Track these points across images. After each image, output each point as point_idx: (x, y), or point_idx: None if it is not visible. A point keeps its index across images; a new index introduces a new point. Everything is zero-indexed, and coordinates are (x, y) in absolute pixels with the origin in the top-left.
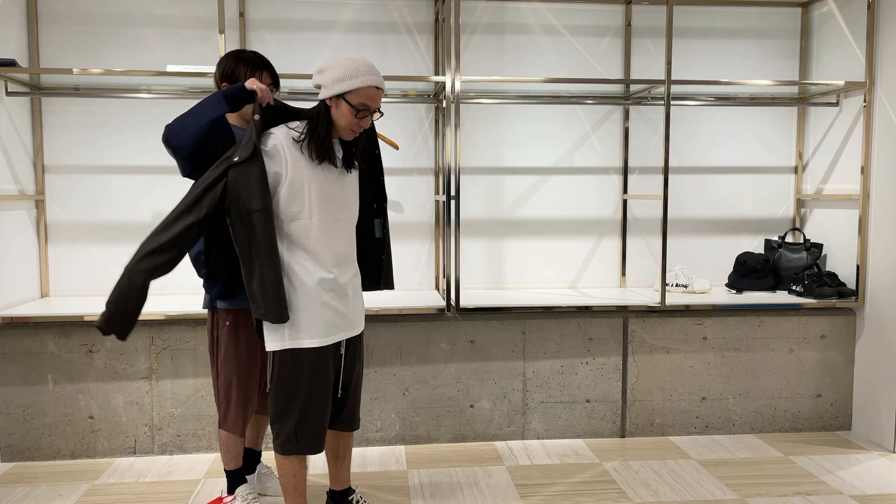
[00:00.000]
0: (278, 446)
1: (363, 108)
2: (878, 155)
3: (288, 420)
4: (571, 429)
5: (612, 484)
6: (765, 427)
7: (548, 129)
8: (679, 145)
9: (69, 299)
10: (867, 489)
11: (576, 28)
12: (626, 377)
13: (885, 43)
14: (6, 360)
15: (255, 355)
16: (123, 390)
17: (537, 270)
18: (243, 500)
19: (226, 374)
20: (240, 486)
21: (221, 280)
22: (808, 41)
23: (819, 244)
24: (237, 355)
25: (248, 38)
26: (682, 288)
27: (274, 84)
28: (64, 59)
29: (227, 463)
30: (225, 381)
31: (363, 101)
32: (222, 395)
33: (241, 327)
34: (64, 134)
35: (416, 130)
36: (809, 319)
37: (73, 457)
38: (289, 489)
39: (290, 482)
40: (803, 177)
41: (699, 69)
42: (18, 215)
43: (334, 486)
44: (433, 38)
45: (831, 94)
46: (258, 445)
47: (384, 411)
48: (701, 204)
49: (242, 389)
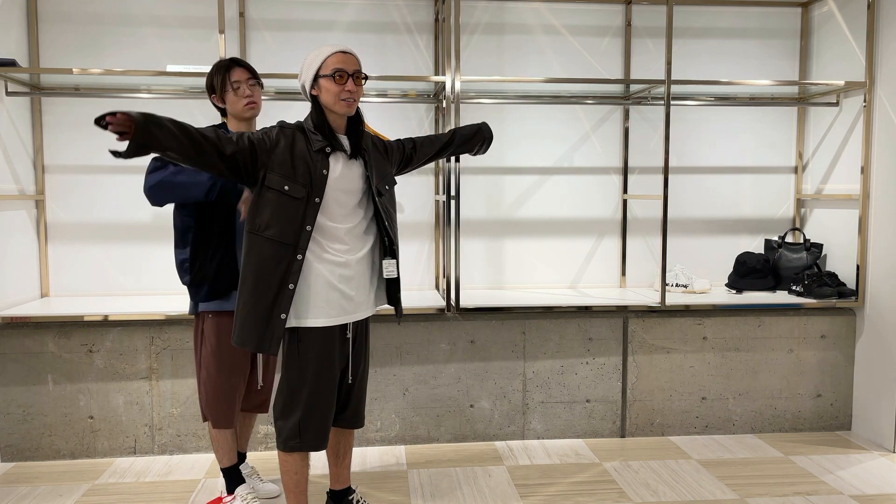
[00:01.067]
0: (281, 443)
1: (339, 72)
2: (878, 155)
3: (292, 416)
4: (571, 429)
5: (612, 484)
6: (765, 427)
7: (548, 128)
8: (679, 145)
9: (69, 299)
10: (867, 489)
11: (576, 28)
12: (626, 377)
13: (885, 43)
14: (6, 360)
15: (239, 354)
16: (123, 390)
17: (537, 270)
18: (242, 500)
19: (209, 370)
20: (239, 485)
21: (207, 282)
22: (808, 41)
23: (819, 244)
24: (220, 353)
25: (248, 38)
26: (682, 288)
27: (253, 78)
28: (64, 59)
29: (222, 460)
30: (209, 377)
31: (335, 67)
32: (208, 392)
33: (225, 329)
34: (64, 134)
35: (416, 130)
36: (809, 319)
37: (73, 457)
38: (290, 487)
39: (291, 479)
40: (803, 177)
41: (699, 69)
42: (18, 215)
43: (334, 485)
44: (433, 38)
45: (831, 94)
46: (242, 447)
47: (384, 411)
48: (701, 204)
49: (226, 383)
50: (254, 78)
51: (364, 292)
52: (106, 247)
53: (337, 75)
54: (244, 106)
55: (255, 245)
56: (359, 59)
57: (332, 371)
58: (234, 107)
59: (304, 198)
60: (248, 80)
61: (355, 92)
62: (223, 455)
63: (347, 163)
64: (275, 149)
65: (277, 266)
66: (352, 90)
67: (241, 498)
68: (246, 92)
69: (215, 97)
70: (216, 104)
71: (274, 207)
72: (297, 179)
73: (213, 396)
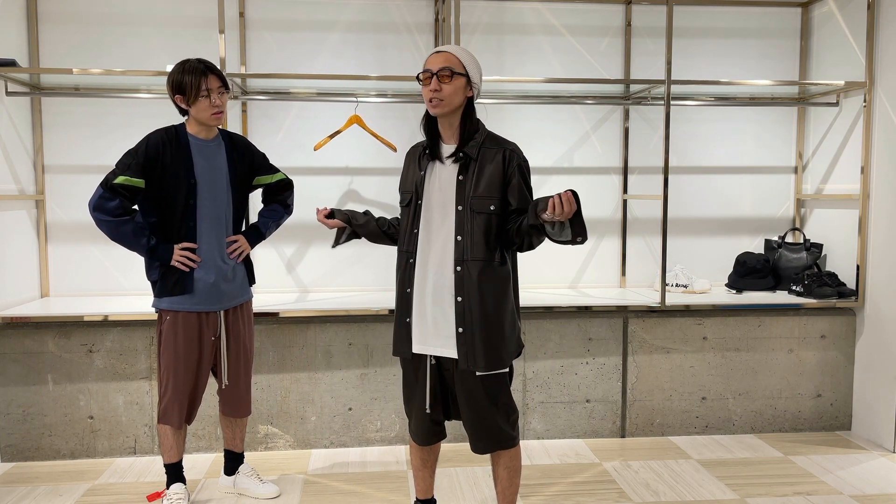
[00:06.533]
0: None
1: (423, 72)
2: (877, 155)
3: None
4: (571, 429)
5: (612, 484)
6: (765, 427)
7: (548, 128)
8: (679, 145)
9: (69, 299)
10: (867, 489)
11: (576, 28)
12: (626, 377)
13: (885, 43)
14: (6, 360)
15: (194, 353)
16: (123, 390)
17: (537, 270)
18: (168, 500)
19: (164, 368)
20: (175, 483)
21: (167, 281)
22: (808, 41)
23: (819, 244)
24: (176, 351)
25: (248, 38)
26: (682, 288)
27: (224, 86)
28: (64, 59)
29: (163, 456)
30: (164, 374)
31: (423, 69)
32: (161, 388)
33: (181, 325)
34: (64, 134)
35: (416, 130)
36: (809, 319)
37: (73, 457)
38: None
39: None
40: (803, 177)
41: (699, 69)
42: (18, 215)
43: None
44: (433, 38)
45: (831, 94)
46: (237, 447)
47: (384, 411)
48: (701, 204)
49: (179, 383)
50: (224, 86)
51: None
52: (106, 247)
53: (421, 75)
54: (212, 115)
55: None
56: (455, 55)
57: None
58: (203, 114)
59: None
60: (219, 89)
61: (440, 91)
62: (164, 452)
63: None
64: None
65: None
66: (437, 89)
67: (167, 498)
68: (217, 101)
69: (181, 98)
70: (180, 105)
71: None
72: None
73: (163, 392)
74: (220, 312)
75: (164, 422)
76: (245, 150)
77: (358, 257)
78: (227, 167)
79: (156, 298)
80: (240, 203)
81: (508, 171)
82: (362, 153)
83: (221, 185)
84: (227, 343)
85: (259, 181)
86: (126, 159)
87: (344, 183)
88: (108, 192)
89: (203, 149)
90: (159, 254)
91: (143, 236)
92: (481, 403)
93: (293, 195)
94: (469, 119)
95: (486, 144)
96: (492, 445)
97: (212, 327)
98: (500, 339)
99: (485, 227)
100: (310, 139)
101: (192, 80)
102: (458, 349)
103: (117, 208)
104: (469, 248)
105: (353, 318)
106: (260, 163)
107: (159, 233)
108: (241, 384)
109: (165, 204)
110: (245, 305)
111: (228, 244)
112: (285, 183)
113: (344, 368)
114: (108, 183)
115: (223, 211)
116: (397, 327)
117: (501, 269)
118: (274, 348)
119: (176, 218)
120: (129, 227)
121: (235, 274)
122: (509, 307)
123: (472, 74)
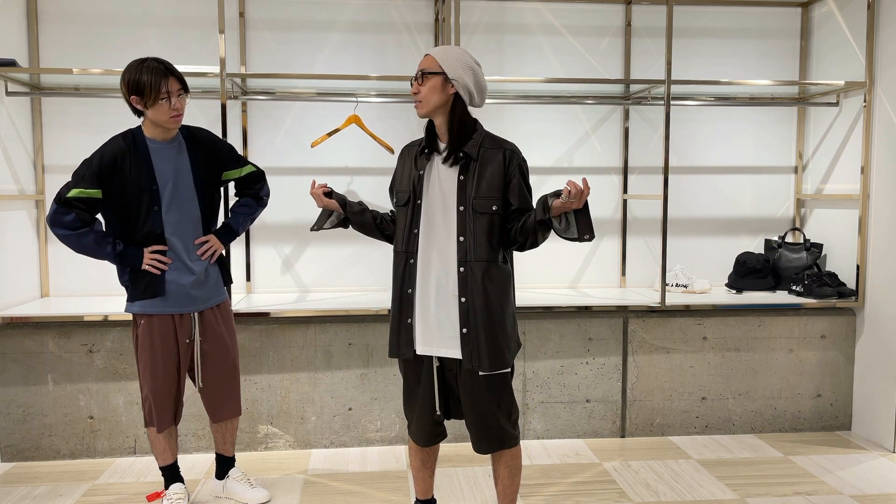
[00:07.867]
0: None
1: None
2: (877, 155)
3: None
4: (571, 429)
5: (612, 484)
6: (765, 427)
7: (548, 128)
8: (679, 145)
9: (69, 299)
10: (867, 489)
11: (576, 28)
12: (626, 377)
13: (885, 43)
14: (6, 360)
15: (172, 356)
16: (123, 390)
17: (537, 270)
18: (168, 500)
19: (143, 372)
20: (174, 484)
21: (138, 285)
22: (808, 41)
23: (819, 244)
24: (153, 354)
25: (248, 38)
26: (682, 288)
27: (183, 89)
28: (64, 59)
29: (157, 459)
30: (143, 379)
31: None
32: (142, 393)
33: (156, 329)
34: (64, 134)
35: (415, 131)
36: (809, 319)
37: (73, 457)
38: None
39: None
40: (803, 177)
41: (699, 69)
42: (18, 215)
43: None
44: (433, 39)
45: (831, 94)
46: (226, 451)
47: (384, 411)
48: (701, 204)
49: (158, 386)
50: (184, 89)
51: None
52: None
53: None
54: (171, 118)
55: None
56: (433, 55)
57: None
58: (161, 116)
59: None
60: (179, 91)
61: (418, 93)
62: (156, 454)
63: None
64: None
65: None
66: (416, 91)
67: (167, 498)
68: (176, 105)
69: (137, 100)
70: (136, 106)
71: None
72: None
73: (144, 395)
74: (195, 314)
75: (149, 425)
76: (209, 146)
77: (358, 257)
78: (190, 168)
79: (128, 303)
80: (209, 201)
81: (508, 172)
82: (362, 153)
83: (186, 186)
84: (202, 345)
85: (228, 176)
86: (80, 170)
87: (343, 183)
88: (62, 207)
89: (163, 152)
90: (129, 259)
91: (108, 244)
92: (485, 403)
93: (267, 186)
94: (455, 117)
95: (485, 144)
96: (495, 445)
97: (186, 329)
98: (503, 339)
99: (487, 227)
100: (309, 139)
101: (151, 80)
102: (462, 350)
103: (74, 221)
104: (472, 249)
105: (353, 318)
106: (227, 157)
107: (126, 239)
108: (223, 387)
109: (129, 211)
110: (222, 306)
111: (200, 245)
112: (256, 175)
113: (344, 368)
114: (61, 198)
115: (191, 213)
116: (396, 328)
117: (503, 269)
118: (274, 348)
119: (140, 225)
120: (90, 238)
121: (208, 275)
122: (510, 307)
123: (451, 72)
